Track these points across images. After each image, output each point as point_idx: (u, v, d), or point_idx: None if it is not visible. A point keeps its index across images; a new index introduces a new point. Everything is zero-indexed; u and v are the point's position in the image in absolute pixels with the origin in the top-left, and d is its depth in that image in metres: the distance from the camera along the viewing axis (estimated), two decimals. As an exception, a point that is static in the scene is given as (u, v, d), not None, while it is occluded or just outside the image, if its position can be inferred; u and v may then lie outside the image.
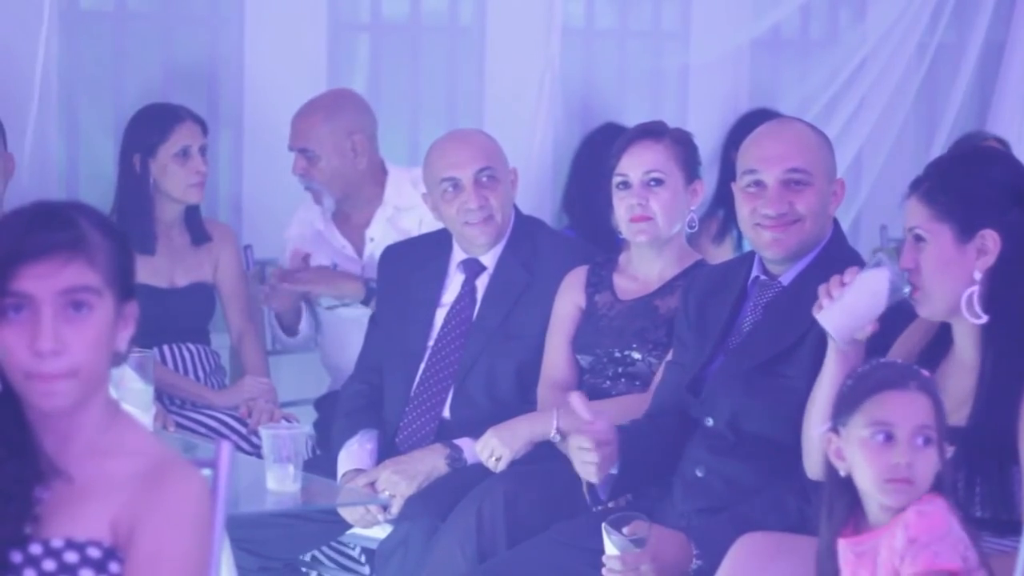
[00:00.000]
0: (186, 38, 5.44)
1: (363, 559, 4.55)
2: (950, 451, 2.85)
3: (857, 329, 3.13)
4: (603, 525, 3.46)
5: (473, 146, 4.34)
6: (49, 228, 2.29)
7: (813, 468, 3.19)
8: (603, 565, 3.41)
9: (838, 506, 2.91)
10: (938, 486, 2.83)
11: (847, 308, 3.13)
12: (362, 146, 4.90)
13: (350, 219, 4.99)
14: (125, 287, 2.35)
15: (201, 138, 4.87)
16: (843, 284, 3.13)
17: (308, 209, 5.05)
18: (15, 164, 4.81)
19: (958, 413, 3.02)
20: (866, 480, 2.84)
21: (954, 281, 3.09)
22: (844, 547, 2.89)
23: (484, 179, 4.28)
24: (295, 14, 5.48)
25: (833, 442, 2.90)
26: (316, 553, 4.53)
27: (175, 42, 5.41)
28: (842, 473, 2.89)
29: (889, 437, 2.82)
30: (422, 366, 4.31)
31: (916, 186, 3.16)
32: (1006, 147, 5.87)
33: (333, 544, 4.51)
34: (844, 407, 2.88)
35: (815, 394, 3.21)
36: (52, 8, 5.00)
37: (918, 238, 3.12)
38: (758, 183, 3.57)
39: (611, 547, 3.41)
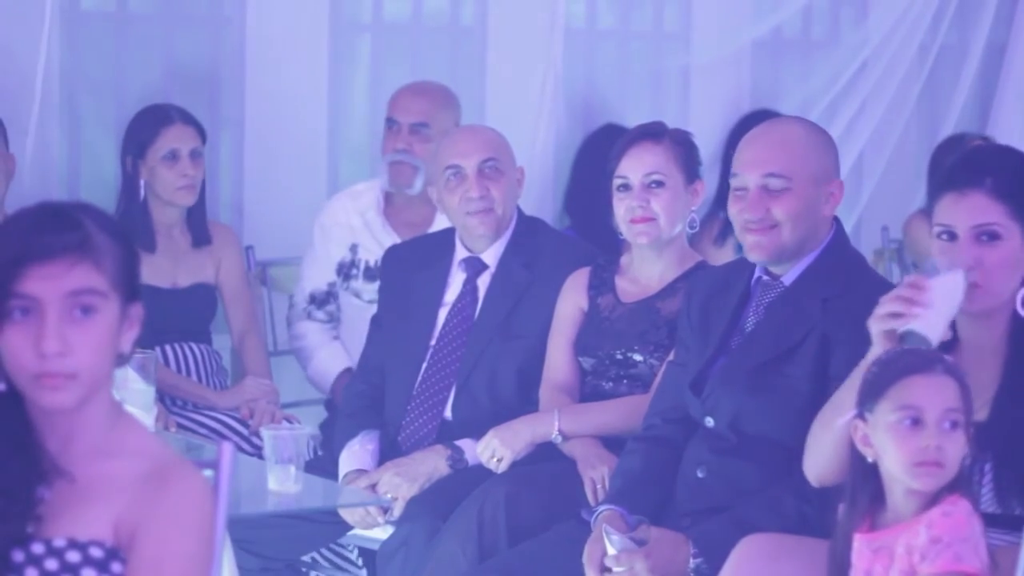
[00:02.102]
0: (188, 39, 5.43)
1: (360, 561, 4.55)
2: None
3: (945, 331, 3.02)
4: (603, 525, 3.47)
5: (479, 138, 4.35)
6: (55, 230, 2.28)
7: (815, 469, 3.17)
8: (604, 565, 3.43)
9: (861, 496, 2.90)
10: (959, 481, 2.83)
11: (939, 313, 3.00)
12: None
13: (402, 215, 5.01)
14: (130, 289, 2.35)
15: (193, 141, 4.86)
16: (921, 289, 3.00)
17: (355, 198, 5.06)
18: (16, 164, 4.81)
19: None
20: (895, 465, 2.83)
21: (1015, 279, 3.07)
22: (860, 542, 2.88)
23: (488, 170, 4.27)
24: (297, 14, 5.48)
25: (860, 429, 2.89)
26: (313, 554, 4.53)
27: (177, 43, 5.40)
28: (869, 459, 2.88)
29: (917, 421, 2.81)
30: (424, 365, 4.31)
31: (973, 181, 3.07)
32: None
33: (330, 545, 4.51)
34: (870, 393, 2.88)
35: (840, 393, 3.10)
36: (54, 8, 5.00)
37: (992, 235, 3.06)
38: (742, 187, 3.57)
39: (611, 547, 3.43)
